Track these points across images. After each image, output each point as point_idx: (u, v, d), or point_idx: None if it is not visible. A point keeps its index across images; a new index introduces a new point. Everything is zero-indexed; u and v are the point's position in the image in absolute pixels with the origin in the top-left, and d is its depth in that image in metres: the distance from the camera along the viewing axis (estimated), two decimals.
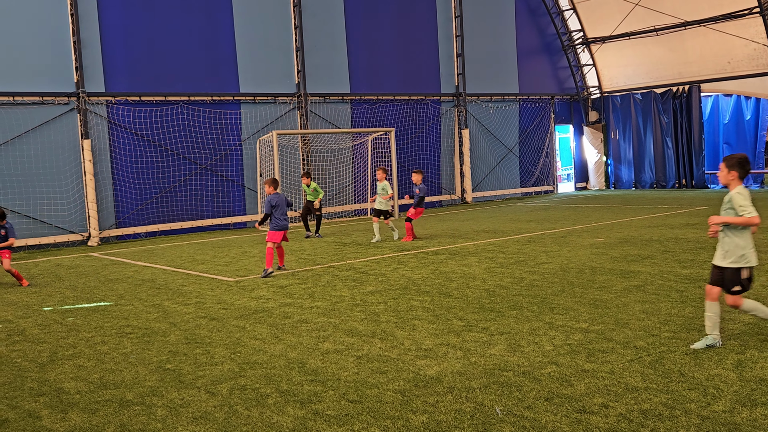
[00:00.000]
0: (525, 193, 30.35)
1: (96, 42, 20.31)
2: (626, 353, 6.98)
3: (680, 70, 29.08)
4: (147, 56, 21.18)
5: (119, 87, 20.78)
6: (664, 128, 29.55)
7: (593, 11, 30.46)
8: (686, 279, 10.50)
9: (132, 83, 20.98)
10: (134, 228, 20.94)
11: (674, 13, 27.77)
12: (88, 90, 20.15)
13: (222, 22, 22.47)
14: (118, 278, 13.47)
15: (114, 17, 20.60)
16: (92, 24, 20.22)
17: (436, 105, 27.48)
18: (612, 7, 29.54)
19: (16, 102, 19.15)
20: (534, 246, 14.90)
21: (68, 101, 19.93)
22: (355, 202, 25.09)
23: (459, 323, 8.54)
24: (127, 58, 20.90)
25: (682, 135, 28.99)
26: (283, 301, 10.38)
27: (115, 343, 8.46)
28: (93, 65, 20.29)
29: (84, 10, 20.06)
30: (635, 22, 29.16)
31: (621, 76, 31.36)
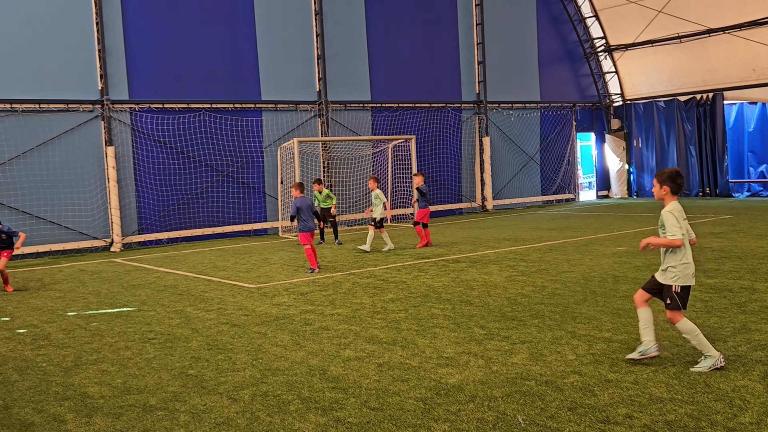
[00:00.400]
0: (546, 201, 30.21)
1: (120, 50, 20.53)
2: (650, 363, 6.91)
3: (704, 78, 28.85)
4: (170, 64, 21.37)
5: (143, 95, 20.98)
6: (687, 136, 29.32)
7: (616, 18, 30.32)
8: (711, 289, 10.39)
9: (155, 91, 21.17)
10: (156, 234, 21.09)
11: (698, 21, 27.57)
12: (113, 98, 20.36)
13: (244, 30, 22.63)
14: (140, 284, 13.56)
15: (138, 26, 20.82)
16: (117, 32, 20.45)
17: (457, 113, 27.46)
18: (635, 15, 29.38)
19: (42, 109, 19.39)
20: (555, 254, 14.82)
21: (93, 109, 20.15)
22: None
23: (480, 332, 8.50)
24: (151, 66, 21.10)
25: (705, 143, 28.74)
26: (304, 308, 10.40)
27: (138, 348, 8.51)
28: (117, 73, 20.50)
29: (109, 19, 20.29)
30: (658, 30, 28.98)
31: (644, 84, 31.16)
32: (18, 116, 19.08)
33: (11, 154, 18.95)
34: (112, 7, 20.34)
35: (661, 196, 6.83)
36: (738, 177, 29.07)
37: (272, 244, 19.93)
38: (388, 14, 25.62)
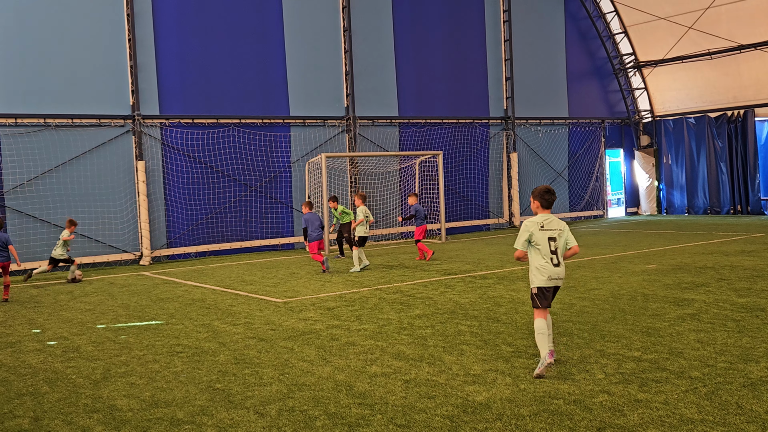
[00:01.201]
0: (574, 218, 30.00)
1: (152, 66, 20.83)
2: (681, 383, 6.82)
3: (735, 95, 28.54)
4: (200, 80, 21.64)
5: (173, 110, 21.24)
6: (718, 153, 28.99)
7: (645, 35, 30.16)
8: (743, 308, 10.23)
9: (185, 106, 21.43)
10: (185, 248, 21.28)
11: (729, 37, 27.32)
12: (143, 113, 20.64)
13: (274, 46, 22.85)
14: (169, 297, 13.68)
15: (169, 42, 21.12)
16: (148, 49, 20.76)
17: (485, 128, 27.43)
18: (665, 31, 29.20)
19: (75, 124, 19.71)
20: (584, 271, 14.69)
21: (124, 123, 20.44)
22: (401, 225, 25.11)
23: (508, 349, 8.44)
24: (181, 81, 21.38)
25: (737, 160, 28.39)
26: (330, 323, 10.41)
27: (166, 361, 8.57)
28: (148, 89, 20.79)
29: (141, 36, 20.61)
30: (688, 46, 28.77)
31: (673, 100, 30.90)
32: (51, 131, 19.41)
33: (44, 168, 19.26)
34: (144, 25, 20.67)
35: (534, 209, 7.87)
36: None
37: (299, 258, 19.99)
38: (416, 30, 25.73)
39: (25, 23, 19.12)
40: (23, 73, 19.09)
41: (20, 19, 19.05)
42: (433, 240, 23.81)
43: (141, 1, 20.62)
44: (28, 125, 19.13)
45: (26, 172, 19.04)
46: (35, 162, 19.17)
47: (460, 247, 21.13)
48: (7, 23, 18.86)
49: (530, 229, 7.66)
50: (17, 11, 19.00)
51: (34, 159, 19.16)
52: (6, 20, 18.85)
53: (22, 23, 19.07)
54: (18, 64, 19.01)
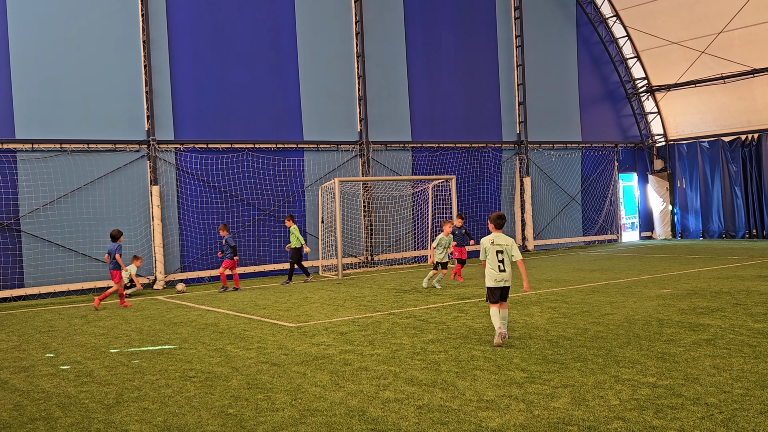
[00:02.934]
0: (588, 242, 29.87)
1: (167, 92, 21.05)
2: (697, 410, 6.74)
3: (749, 118, 28.45)
4: (215, 105, 21.84)
5: (188, 135, 21.43)
6: (732, 177, 28.85)
7: (658, 59, 30.20)
8: (759, 333, 10.12)
9: (200, 131, 21.61)
10: (198, 272, 21.34)
11: (742, 61, 27.31)
12: (159, 138, 20.83)
13: (288, 72, 23.05)
14: (182, 322, 13.70)
15: (185, 68, 21.36)
16: (164, 75, 21.00)
17: (498, 153, 27.46)
18: (677, 55, 29.24)
19: (90, 149, 19.90)
20: (598, 296, 14.61)
21: (139, 149, 20.62)
22: (415, 249, 25.11)
23: (521, 374, 8.39)
24: (196, 107, 21.58)
25: (752, 184, 28.24)
26: (343, 348, 10.39)
27: (179, 386, 8.57)
28: (163, 114, 21.00)
29: (157, 62, 20.86)
30: (701, 70, 28.76)
31: (687, 124, 30.85)
32: (67, 156, 19.61)
33: (59, 193, 19.43)
34: (159, 51, 20.93)
35: (490, 229, 10.40)
36: None
37: (312, 283, 19.99)
38: (429, 55, 25.89)
39: (42, 49, 19.40)
40: (40, 99, 19.34)
41: (37, 45, 19.34)
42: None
43: (157, 28, 20.90)
44: (45, 150, 19.34)
45: (42, 196, 19.22)
46: (51, 187, 19.35)
47: (473, 271, 21.06)
48: (24, 49, 19.15)
49: (485, 245, 10.24)
50: (35, 37, 19.30)
51: (50, 184, 19.34)
52: (23, 46, 19.14)
53: (39, 49, 19.36)
54: (35, 90, 19.27)
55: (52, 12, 19.57)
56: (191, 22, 21.56)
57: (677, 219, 31.24)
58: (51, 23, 19.54)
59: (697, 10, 27.74)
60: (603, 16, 30.20)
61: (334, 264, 22.52)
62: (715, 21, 27.37)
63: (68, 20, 19.78)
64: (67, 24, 19.77)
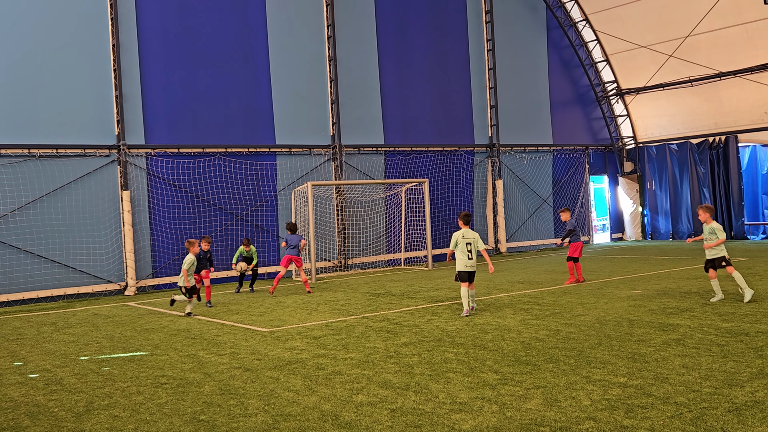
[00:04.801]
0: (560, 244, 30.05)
1: (137, 96, 20.87)
2: (666, 409, 6.83)
3: (716, 121, 28.89)
4: (186, 109, 21.70)
5: (159, 139, 21.25)
6: (701, 179, 29.26)
7: (627, 63, 30.55)
8: (727, 333, 10.28)
9: (171, 136, 21.45)
10: (171, 278, 21.15)
11: (709, 64, 27.72)
12: (129, 142, 20.63)
13: (259, 76, 22.97)
14: (153, 328, 13.58)
15: (155, 72, 21.19)
16: (134, 79, 20.82)
17: (470, 156, 27.60)
18: (646, 59, 29.60)
19: (59, 154, 19.66)
20: (570, 297, 14.73)
21: (109, 153, 20.42)
22: (388, 253, 25.13)
23: (494, 376, 8.43)
24: (167, 111, 21.42)
25: (719, 185, 28.66)
26: (316, 352, 10.37)
27: (151, 393, 8.49)
28: (134, 118, 20.81)
29: (126, 66, 20.68)
30: (669, 73, 29.15)
31: (656, 127, 31.24)
32: (35, 161, 19.35)
33: (28, 199, 19.17)
34: (129, 54, 20.75)
35: (460, 225, 13.16)
36: (753, 219, 28.89)
37: (286, 287, 19.93)
38: (401, 59, 25.95)
39: (10, 53, 19.15)
40: (7, 104, 19.08)
41: (5, 49, 19.07)
42: (420, 267, 23.82)
43: (127, 32, 20.72)
44: (12, 155, 19.07)
45: (10, 202, 18.95)
46: (19, 192, 19.08)
47: (446, 274, 21.12)
48: None
49: (456, 238, 13.05)
50: (2, 41, 19.03)
51: (18, 189, 19.07)
52: None
53: (7, 53, 19.10)
54: (2, 95, 19.00)
55: (20, 15, 19.32)
56: (162, 26, 21.40)
57: (647, 220, 31.61)
58: (19, 27, 19.28)
59: (664, 14, 28.12)
60: (573, 20, 30.50)
61: (308, 268, 22.46)
62: (682, 25, 27.77)
63: (36, 24, 19.53)
64: (36, 27, 19.52)
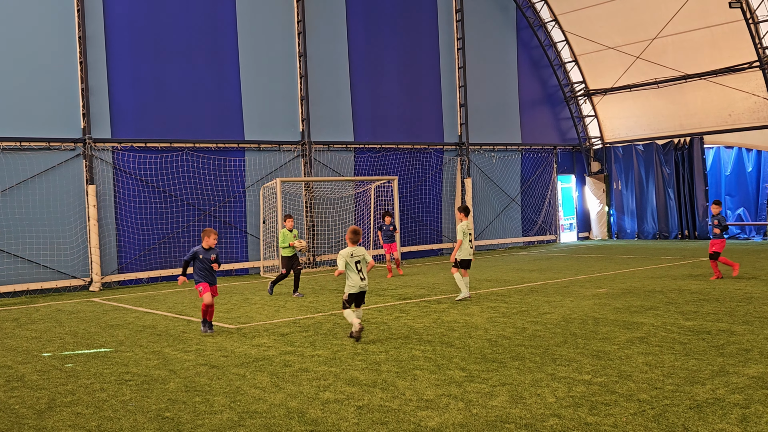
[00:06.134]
0: (527, 243, 30.34)
1: (104, 89, 20.59)
2: (629, 406, 6.92)
3: (681, 122, 29.32)
4: (154, 104, 21.46)
5: (125, 134, 21.00)
6: (666, 179, 29.68)
7: (595, 64, 30.87)
8: (690, 331, 10.44)
9: (138, 130, 21.20)
10: (137, 273, 20.93)
11: (675, 66, 28.12)
12: (95, 136, 20.35)
13: (229, 71, 22.79)
14: (118, 324, 13.42)
15: (122, 65, 20.92)
16: (100, 72, 20.53)
17: (439, 154, 27.68)
18: (614, 60, 29.93)
19: (23, 147, 19.33)
20: (536, 296, 14.86)
21: (74, 147, 20.12)
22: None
23: (461, 374, 8.47)
24: (134, 105, 21.16)
25: (684, 186, 29.09)
26: (283, 349, 10.33)
27: (114, 390, 8.40)
28: (100, 112, 20.53)
29: (93, 59, 20.39)
30: (636, 75, 29.51)
31: (623, 128, 31.61)
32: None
33: None
34: (96, 47, 20.46)
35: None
36: None
37: (253, 284, 19.82)
38: (371, 57, 25.94)
39: None
40: None
41: None
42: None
43: (93, 24, 20.42)
44: None
45: None
46: None
47: (415, 271, 21.19)
48: None
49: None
50: None
51: None
52: None
53: None
54: None
55: None
56: (129, 18, 21.12)
57: (613, 220, 31.99)
58: None
59: (632, 16, 28.45)
60: (542, 20, 30.73)
61: (276, 265, 22.36)
62: (649, 27, 28.12)
63: (0, 15, 19.17)
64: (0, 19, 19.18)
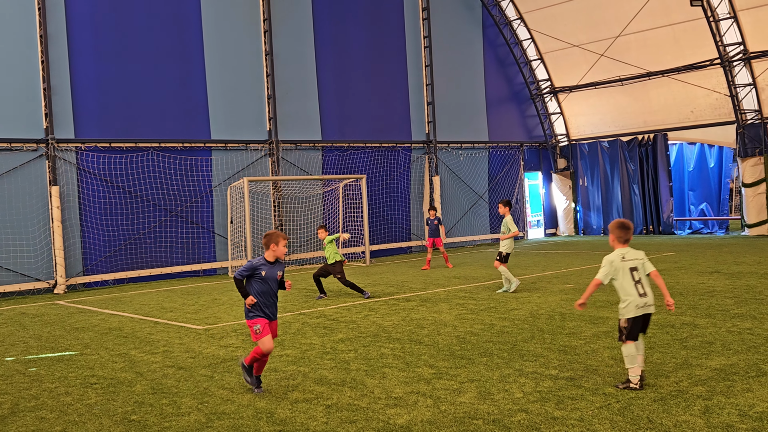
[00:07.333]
0: (495, 240, 30.50)
1: (66, 89, 20.28)
2: (595, 400, 7.00)
3: (645, 119, 29.72)
4: (118, 103, 21.19)
5: (89, 134, 20.71)
6: (631, 175, 30.06)
7: (560, 62, 31.14)
8: (654, 325, 10.58)
9: (102, 130, 20.93)
10: (102, 275, 20.66)
11: (638, 64, 28.48)
12: (58, 137, 20.04)
13: (194, 69, 22.59)
14: (84, 327, 13.25)
15: (85, 64, 20.63)
16: (63, 71, 20.22)
17: (407, 152, 27.73)
18: (578, 58, 30.23)
19: None
20: (505, 292, 14.95)
21: (37, 148, 19.80)
22: None
23: (429, 371, 8.51)
24: (98, 104, 20.88)
25: (648, 182, 29.49)
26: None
27: (80, 394, 8.29)
28: (63, 112, 20.23)
29: (55, 58, 20.07)
30: (601, 73, 29.84)
31: (588, 125, 31.95)
32: None
33: None
34: (58, 46, 20.14)
35: (503, 212, 12.56)
36: (680, 215, 29.86)
37: (221, 284, 19.69)
38: (338, 55, 25.89)
39: None
40: None
41: None
42: (358, 263, 23.83)
43: (55, 22, 20.10)
44: None
45: None
46: None
47: (383, 269, 21.22)
48: None
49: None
50: None
51: None
52: None
53: None
54: None
55: None
56: (92, 16, 20.83)
57: (580, 216, 32.32)
58: None
59: (596, 14, 28.76)
60: (508, 18, 30.93)
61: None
62: (612, 25, 28.45)
63: None
64: None
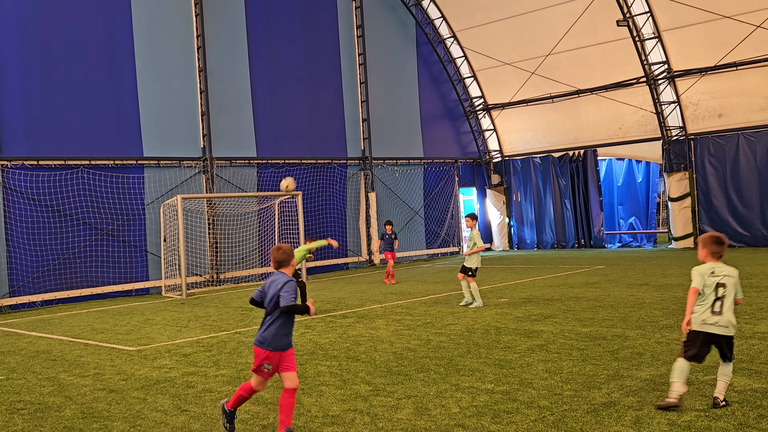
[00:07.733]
0: (431, 255, 30.77)
1: None
2: (530, 413, 7.11)
3: (576, 135, 30.47)
4: (46, 119, 20.63)
5: (16, 151, 20.10)
6: (562, 190, 30.74)
7: (493, 79, 31.72)
8: (587, 337, 10.83)
9: (29, 147, 20.34)
10: (29, 297, 20.00)
11: (568, 82, 29.23)
12: None
13: (125, 86, 22.19)
14: (10, 350, 12.80)
15: (11, 79, 20.05)
16: None
17: (343, 168, 27.77)
18: (510, 76, 30.85)
19: None
20: (440, 307, 15.08)
21: None
22: (261, 266, 24.84)
23: (366, 388, 8.51)
24: (25, 121, 20.29)
25: (579, 197, 30.21)
26: (186, 370, 10.10)
27: (5, 420, 8.00)
28: None
29: None
30: (532, 90, 30.51)
31: (521, 141, 32.57)
32: None
33: None
34: None
35: (470, 225, 13.12)
36: (610, 229, 30.65)
37: (154, 303, 19.30)
38: (273, 71, 25.80)
39: None
40: None
41: None
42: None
43: None
44: None
45: None
46: None
47: (320, 286, 21.13)
48: None
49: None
50: None
51: None
52: None
53: None
54: None
55: None
56: (19, 31, 20.27)
57: (514, 231, 32.85)
58: None
59: (527, 33, 29.43)
60: (441, 36, 31.38)
61: (178, 284, 21.84)
62: (543, 44, 29.15)
63: None
64: None
